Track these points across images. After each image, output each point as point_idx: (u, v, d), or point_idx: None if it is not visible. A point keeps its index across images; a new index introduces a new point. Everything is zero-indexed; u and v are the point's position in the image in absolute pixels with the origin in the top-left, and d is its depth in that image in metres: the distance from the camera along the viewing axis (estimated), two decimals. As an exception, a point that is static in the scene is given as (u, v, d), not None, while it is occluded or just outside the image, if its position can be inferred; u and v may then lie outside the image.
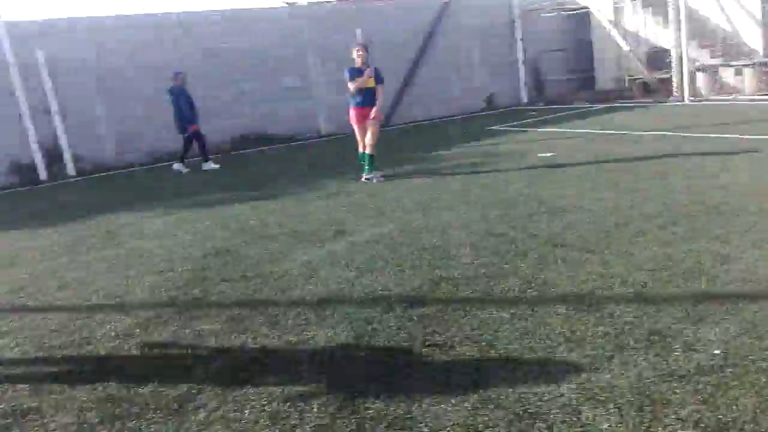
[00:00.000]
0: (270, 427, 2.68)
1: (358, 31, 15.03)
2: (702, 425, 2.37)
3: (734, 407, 2.46)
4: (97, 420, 2.86)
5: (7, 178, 11.40)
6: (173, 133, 11.24)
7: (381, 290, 4.17)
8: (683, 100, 14.56)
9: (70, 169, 11.93)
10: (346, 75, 8.04)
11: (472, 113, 17.00)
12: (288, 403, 2.85)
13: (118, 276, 5.09)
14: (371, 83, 8.00)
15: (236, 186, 9.01)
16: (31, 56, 11.34)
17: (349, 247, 5.27)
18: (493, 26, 17.66)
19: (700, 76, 15.18)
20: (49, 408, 3.01)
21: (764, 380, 2.63)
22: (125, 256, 5.71)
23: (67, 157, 11.89)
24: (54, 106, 11.63)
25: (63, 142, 11.80)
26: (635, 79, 16.61)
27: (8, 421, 2.92)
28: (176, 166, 11.13)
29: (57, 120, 11.70)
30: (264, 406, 2.86)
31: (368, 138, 8.10)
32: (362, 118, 8.09)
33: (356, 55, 8.10)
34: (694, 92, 14.76)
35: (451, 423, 2.56)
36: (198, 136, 10.96)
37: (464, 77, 17.33)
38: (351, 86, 7.96)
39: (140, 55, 12.40)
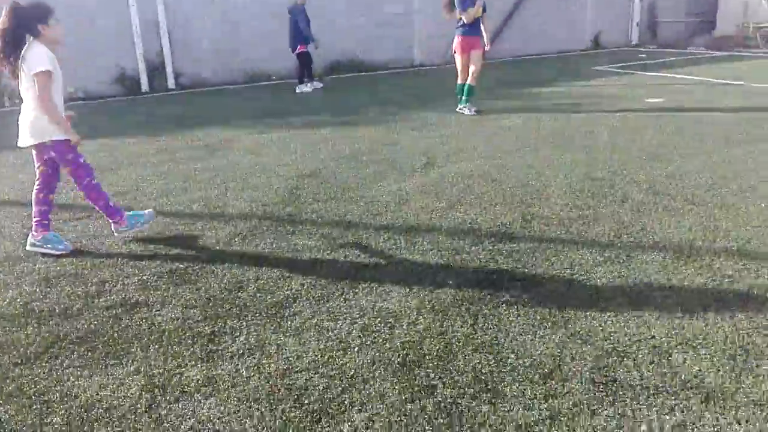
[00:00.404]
0: (361, 338, 2.84)
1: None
2: (800, 382, 2.32)
3: (838, 369, 2.38)
4: (200, 317, 3.12)
5: (111, 87, 12.04)
6: (272, 53, 11.41)
7: (471, 223, 4.21)
8: (815, 52, 13.25)
9: (171, 83, 12.45)
10: (461, 3, 7.74)
11: (576, 51, 16.20)
12: (378, 319, 2.99)
13: (217, 188, 5.37)
14: (479, 12, 7.74)
15: (329, 111, 9.14)
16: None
17: (440, 178, 5.30)
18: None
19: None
20: (156, 303, 3.28)
21: None
22: (223, 168, 5.99)
23: (169, 71, 12.39)
24: (163, 21, 12.05)
25: (167, 56, 12.27)
26: (762, 27, 15.18)
27: (118, 311, 3.19)
28: (299, 87, 11.35)
29: (164, 34, 12.15)
30: (356, 319, 3.01)
31: (472, 68, 7.95)
32: (468, 48, 7.91)
33: None
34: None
35: (538, 353, 2.62)
36: (304, 56, 11.13)
37: (572, 11, 16.42)
38: (466, 15, 7.70)
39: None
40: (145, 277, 3.59)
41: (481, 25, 7.89)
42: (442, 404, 2.33)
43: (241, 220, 4.54)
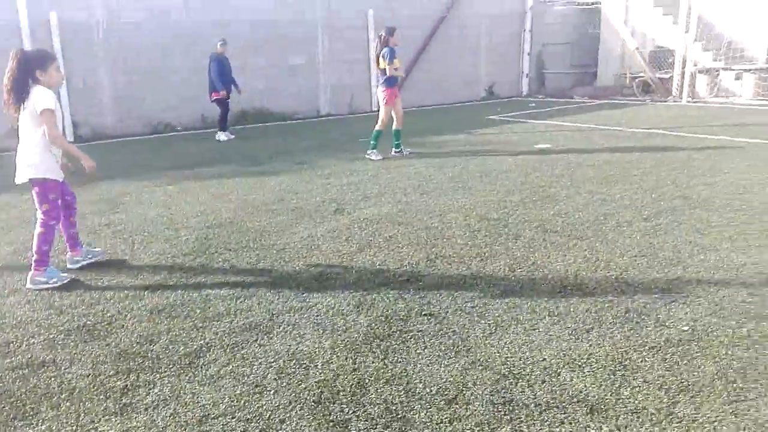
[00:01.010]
0: (276, 380, 2.94)
1: (370, 12, 15.19)
2: (665, 387, 2.66)
3: (695, 374, 2.75)
4: (112, 371, 3.10)
5: (4, 141, 11.49)
6: (174, 102, 11.42)
7: (379, 265, 4.43)
8: (681, 101, 14.82)
9: (68, 134, 12.06)
10: (391, 56, 8.38)
11: (472, 101, 17.21)
12: (293, 362, 3.11)
13: (124, 242, 5.29)
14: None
15: (238, 160, 9.21)
16: (44, 17, 11.43)
17: (350, 223, 5.52)
18: (503, 16, 17.83)
19: (700, 77, 15.42)
20: (65, 360, 3.21)
21: (724, 352, 2.92)
22: (129, 222, 5.92)
23: (68, 122, 12.02)
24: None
25: (65, 106, 11.92)
26: (636, 77, 16.83)
27: (25, 371, 3.10)
28: (218, 135, 11.53)
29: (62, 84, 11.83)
30: (271, 363, 3.11)
31: (401, 113, 8.83)
32: (395, 97, 8.69)
33: (395, 39, 8.55)
34: (693, 93, 15.01)
35: (443, 380, 2.83)
36: (219, 104, 11.33)
37: (468, 65, 17.51)
38: (394, 67, 8.46)
39: (147, 24, 12.51)
40: (51, 336, 3.51)
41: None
42: (356, 436, 2.48)
43: (150, 273, 4.52)
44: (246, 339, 3.38)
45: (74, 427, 2.61)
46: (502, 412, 2.57)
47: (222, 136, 11.44)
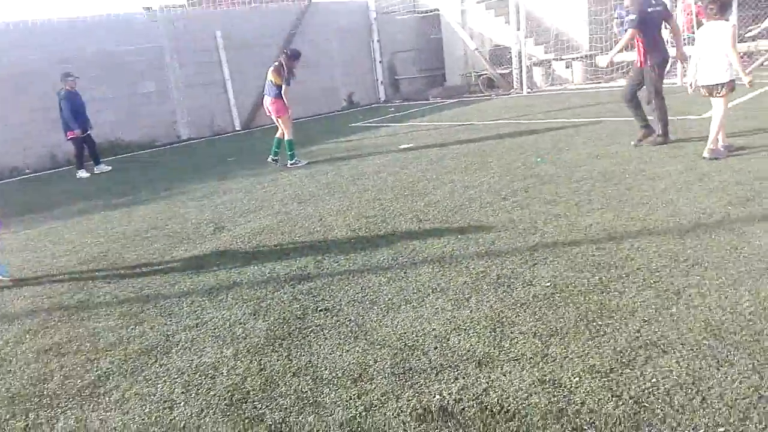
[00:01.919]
0: (185, 393, 2.98)
1: (218, 33, 15.05)
2: (539, 335, 3.06)
3: (561, 320, 3.18)
4: (8, 415, 2.98)
5: None
6: (17, 145, 10.64)
7: (269, 273, 4.54)
8: (522, 92, 16.17)
9: None
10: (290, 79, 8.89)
11: (333, 112, 17.58)
12: (198, 374, 3.16)
13: (-7, 290, 4.97)
14: None
15: (100, 196, 8.79)
16: None
17: (231, 240, 5.56)
18: (351, 28, 18.40)
19: (536, 69, 16.92)
20: (-50, 414, 3.05)
21: (582, 299, 3.40)
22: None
23: None
24: None
25: None
26: (480, 75, 18.08)
27: None
28: (78, 173, 10.87)
29: None
30: (175, 379, 3.14)
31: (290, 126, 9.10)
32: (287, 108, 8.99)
33: (296, 64, 9.05)
34: (531, 84, 16.44)
35: (346, 363, 3.03)
36: (75, 142, 10.73)
37: (325, 77, 17.87)
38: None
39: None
40: (-75, 395, 3.27)
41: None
42: (273, 426, 2.61)
43: (28, 317, 4.30)
44: (145, 362, 3.37)
45: (-25, 477, 2.50)
46: (403, 380, 2.82)
47: (82, 173, 10.82)
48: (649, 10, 6.96)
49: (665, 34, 8.34)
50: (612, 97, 12.18)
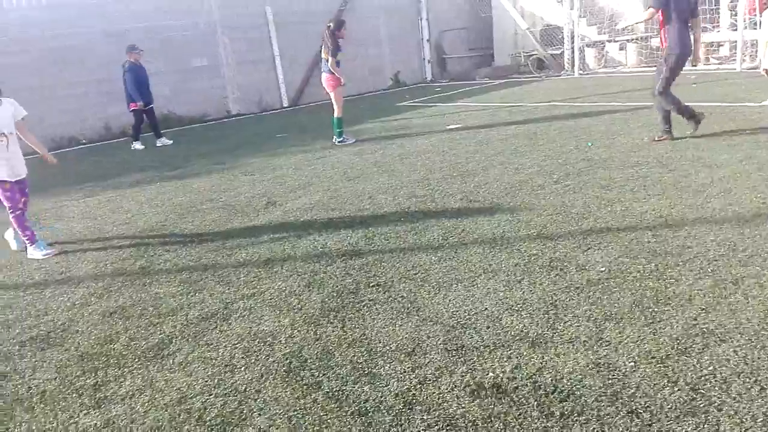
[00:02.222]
0: (245, 358, 3.11)
1: (268, 9, 15.17)
2: (593, 318, 3.07)
3: (616, 305, 3.18)
4: (78, 372, 3.16)
5: None
6: (74, 116, 11.02)
7: (321, 247, 4.65)
8: (573, 74, 15.84)
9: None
10: (336, 49, 8.61)
11: (379, 90, 17.57)
12: (257, 340, 3.29)
13: (55, 257, 5.21)
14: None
15: (155, 167, 9.07)
16: None
17: (283, 214, 5.69)
18: (399, 5, 18.29)
19: (588, 51, 16.52)
20: (26, 369, 3.25)
21: (637, 285, 3.38)
22: (54, 237, 5.79)
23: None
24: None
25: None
26: (530, 55, 17.78)
27: (-11, 382, 3.14)
28: (134, 144, 11.23)
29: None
30: (235, 344, 3.28)
31: (340, 102, 8.98)
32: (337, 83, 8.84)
33: (343, 32, 8.79)
34: (583, 66, 16.08)
35: (400, 338, 3.11)
36: (135, 114, 11.01)
37: (372, 55, 17.85)
38: (336, 60, 8.66)
39: (38, 37, 11.95)
40: (5, 349, 3.49)
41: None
42: (330, 394, 2.71)
43: (92, 281, 4.51)
44: (206, 327, 3.52)
45: (54, 425, 2.68)
46: (457, 356, 2.88)
47: (137, 145, 11.14)
48: None
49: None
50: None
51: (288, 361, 3.02)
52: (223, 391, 2.82)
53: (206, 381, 2.93)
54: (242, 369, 3.00)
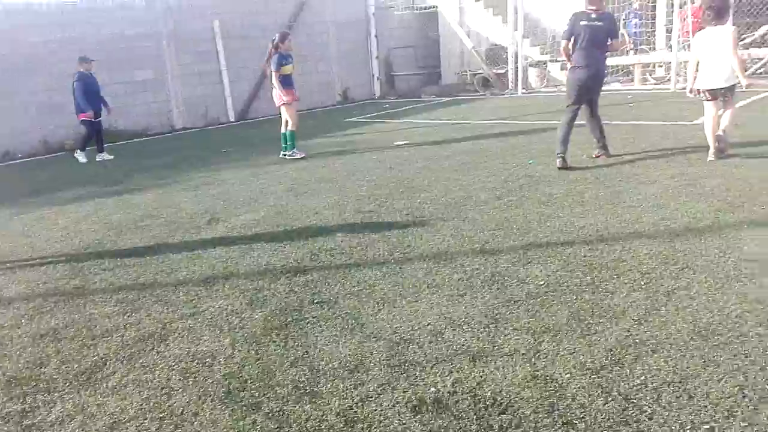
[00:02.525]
0: (182, 380, 3.02)
1: (216, 22, 15.01)
2: (531, 331, 3.13)
3: (554, 318, 3.25)
4: (5, 398, 3.01)
5: None
6: (8, 130, 10.62)
7: (265, 264, 4.59)
8: (517, 93, 16.25)
9: None
10: (277, 63, 8.54)
11: (328, 106, 17.59)
12: (195, 361, 3.20)
13: (-13, 275, 4.98)
14: (292, 69, 8.83)
15: (94, 182, 8.78)
16: None
17: (227, 231, 5.59)
18: (348, 22, 18.40)
19: (531, 70, 17.00)
20: (-53, 397, 3.08)
21: (574, 298, 3.47)
22: (-11, 255, 5.54)
23: None
24: None
25: None
26: (476, 74, 18.15)
27: None
28: (77, 153, 10.91)
29: None
30: (173, 366, 3.18)
31: (293, 117, 8.89)
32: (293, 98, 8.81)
33: (287, 45, 8.70)
34: (527, 85, 16.53)
35: (343, 355, 3.09)
36: (85, 125, 10.70)
37: (321, 71, 17.87)
38: (280, 74, 8.59)
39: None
40: None
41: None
42: (270, 414, 2.66)
43: (23, 301, 4.32)
44: (142, 349, 3.41)
45: (-25, 456, 2.54)
46: (399, 372, 2.88)
47: (81, 155, 10.81)
48: (582, 23, 6.69)
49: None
50: (606, 100, 12.29)
51: (227, 382, 2.96)
52: (158, 415, 2.73)
53: (141, 405, 2.83)
54: (179, 391, 2.92)
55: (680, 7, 13.46)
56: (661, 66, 15.31)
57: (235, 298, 3.99)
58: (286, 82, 8.71)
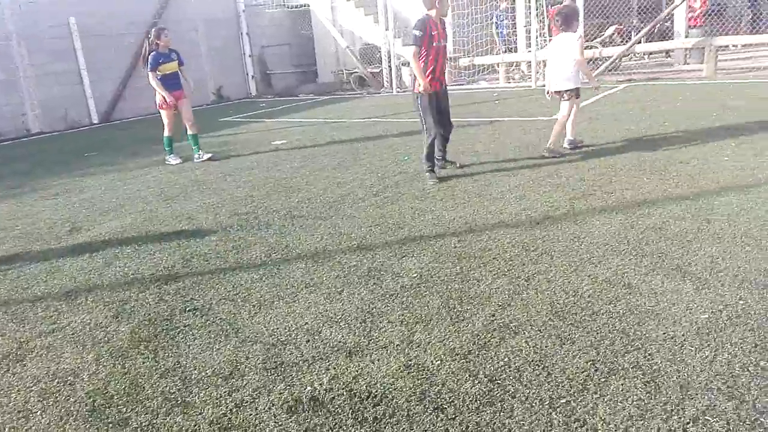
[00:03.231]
0: (41, 401, 2.81)
1: (72, 20, 14.00)
2: (405, 323, 3.23)
3: (426, 308, 3.38)
4: None
5: None
6: None
7: (133, 274, 4.36)
8: (392, 91, 16.60)
9: None
10: (152, 63, 7.95)
11: (202, 105, 16.98)
12: (56, 380, 2.99)
13: None
14: (176, 67, 8.23)
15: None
16: None
17: (90, 240, 5.25)
18: (218, 20, 17.85)
19: (404, 69, 17.41)
20: None
21: (445, 287, 3.62)
22: None
23: None
24: None
25: None
26: (352, 73, 18.30)
27: None
28: None
29: None
30: (30, 387, 2.95)
31: (191, 117, 8.38)
32: (175, 102, 8.17)
33: (165, 41, 8.04)
34: (401, 84, 16.92)
35: (217, 362, 3.01)
36: None
37: (192, 69, 17.12)
38: (157, 74, 7.97)
39: None
40: None
41: (182, 77, 8.33)
42: (138, 429, 2.55)
43: None
44: (-6, 373, 3.13)
45: None
46: (275, 374, 2.86)
47: None
48: (434, 33, 5.94)
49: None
50: (473, 99, 12.89)
51: (91, 399, 2.79)
52: (13, 443, 2.52)
53: (-8, 433, 2.60)
54: (38, 413, 2.72)
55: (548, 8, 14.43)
56: (520, 65, 16.28)
57: (100, 311, 3.76)
58: (168, 82, 8.10)
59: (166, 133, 8.46)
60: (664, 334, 2.93)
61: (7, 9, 13.02)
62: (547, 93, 6.92)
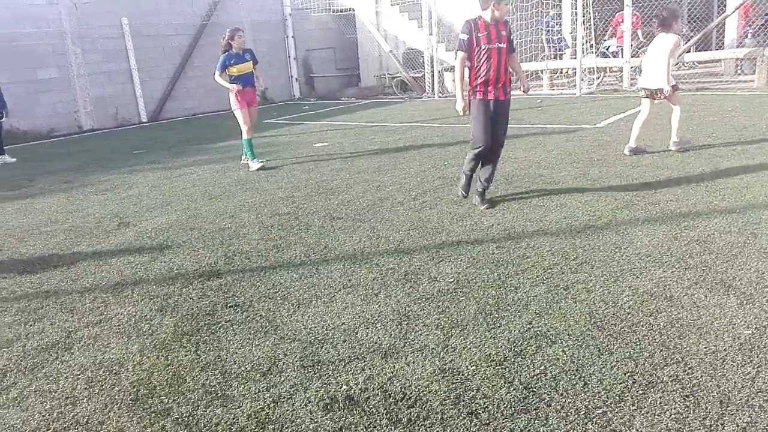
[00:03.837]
0: (88, 389, 2.93)
1: (125, 21, 14.46)
2: (441, 327, 3.24)
3: (462, 313, 3.39)
4: None
5: None
6: None
7: (177, 269, 4.49)
8: (434, 96, 16.61)
9: None
10: (221, 65, 7.72)
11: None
12: (102, 369, 3.11)
13: None
14: (250, 67, 7.91)
15: (-7, 187, 8.27)
16: None
17: (137, 236, 5.42)
18: (265, 23, 18.19)
19: (447, 75, 17.40)
20: None
21: (482, 293, 3.62)
22: None
23: None
24: None
25: None
26: (394, 77, 18.38)
27: None
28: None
29: None
30: (78, 375, 3.07)
31: (252, 123, 8.05)
32: (248, 102, 7.96)
33: (238, 42, 7.72)
34: (443, 89, 16.91)
35: (256, 358, 3.09)
36: None
37: (237, 72, 17.53)
38: (229, 75, 7.77)
39: None
40: None
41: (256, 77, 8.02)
42: (179, 420, 2.63)
43: None
44: (45, 359, 3.27)
45: None
46: (312, 372, 2.91)
47: (6, 159, 10.25)
48: (481, 35, 5.23)
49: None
50: (515, 105, 12.78)
51: (135, 389, 2.89)
52: (62, 425, 2.64)
53: (44, 415, 2.72)
54: (84, 400, 2.83)
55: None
56: (565, 72, 16.08)
57: (145, 304, 3.89)
58: (242, 83, 7.80)
59: (244, 136, 8.08)
60: (705, 348, 2.88)
61: (63, 9, 13.52)
62: (640, 90, 7.09)
